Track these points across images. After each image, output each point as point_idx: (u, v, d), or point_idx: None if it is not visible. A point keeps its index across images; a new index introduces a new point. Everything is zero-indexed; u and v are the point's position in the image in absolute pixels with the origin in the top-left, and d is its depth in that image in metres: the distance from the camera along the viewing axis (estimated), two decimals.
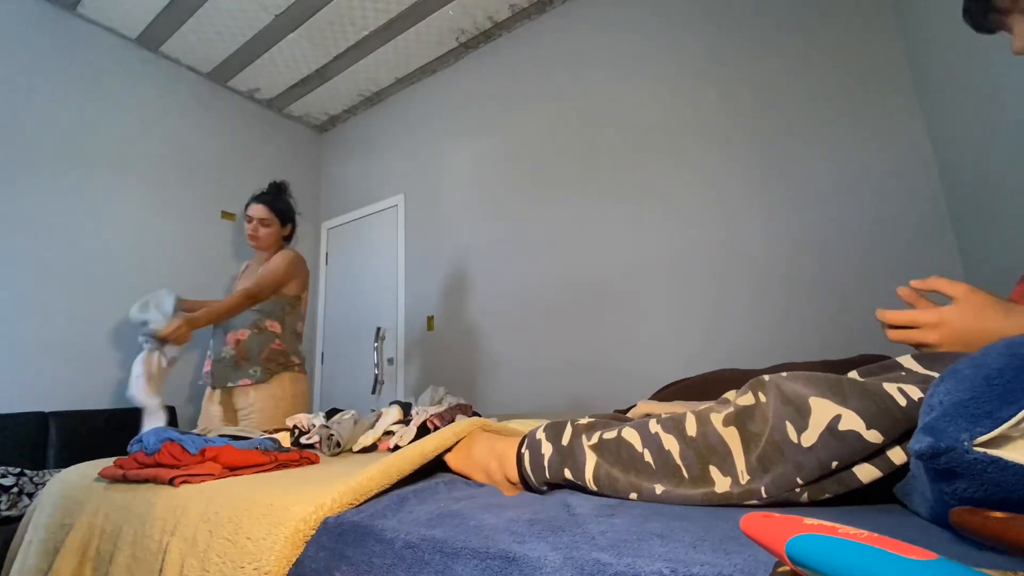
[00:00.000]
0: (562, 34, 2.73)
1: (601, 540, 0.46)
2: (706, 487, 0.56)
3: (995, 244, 1.42)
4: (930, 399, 0.41)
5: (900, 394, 0.48)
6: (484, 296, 2.78)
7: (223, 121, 3.24)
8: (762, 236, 2.00)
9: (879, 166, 1.79)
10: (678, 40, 2.33)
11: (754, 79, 2.10)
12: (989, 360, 0.39)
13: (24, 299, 2.28)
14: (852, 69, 1.88)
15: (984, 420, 0.35)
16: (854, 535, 0.26)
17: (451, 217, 3.03)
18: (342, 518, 0.60)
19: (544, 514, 0.55)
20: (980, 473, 0.35)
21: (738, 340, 1.99)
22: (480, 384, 2.70)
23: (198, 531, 0.67)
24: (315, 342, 3.54)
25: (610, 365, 2.29)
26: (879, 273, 1.75)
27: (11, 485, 1.69)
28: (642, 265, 2.27)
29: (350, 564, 0.54)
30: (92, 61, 2.66)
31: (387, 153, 3.46)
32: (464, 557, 0.47)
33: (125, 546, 0.74)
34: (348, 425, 1.33)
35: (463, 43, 3.03)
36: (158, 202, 2.83)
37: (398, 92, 3.47)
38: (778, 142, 2.01)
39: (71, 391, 2.35)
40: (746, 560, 0.37)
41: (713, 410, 0.60)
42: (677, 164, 2.25)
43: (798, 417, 0.52)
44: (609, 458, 0.63)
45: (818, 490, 0.51)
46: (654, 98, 2.36)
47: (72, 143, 2.53)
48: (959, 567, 0.23)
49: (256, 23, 2.77)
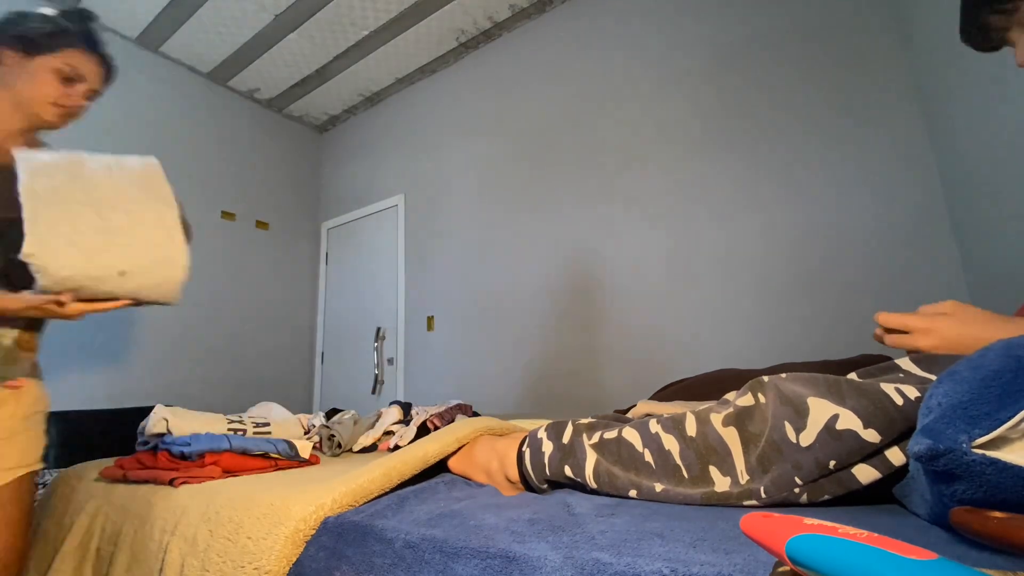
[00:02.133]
0: (562, 34, 2.74)
1: (601, 540, 0.46)
2: (706, 487, 0.56)
3: (995, 245, 1.42)
4: (929, 401, 0.41)
5: (897, 394, 0.48)
6: (484, 296, 2.78)
7: (223, 121, 3.24)
8: (762, 236, 2.00)
9: (879, 166, 1.79)
10: (678, 40, 2.33)
11: (754, 79, 2.10)
12: (987, 362, 0.40)
13: None
14: (852, 69, 1.88)
15: (983, 422, 0.35)
16: (854, 535, 0.26)
17: (451, 217, 3.03)
18: (342, 518, 0.60)
19: (544, 514, 0.55)
20: (979, 475, 0.35)
21: (738, 340, 1.99)
22: (480, 384, 2.70)
23: (198, 531, 0.67)
24: (315, 342, 3.54)
25: (610, 365, 2.29)
26: (879, 273, 1.76)
27: None
28: (642, 265, 2.27)
29: (350, 564, 0.54)
30: None
31: (387, 153, 3.46)
32: (464, 557, 0.47)
33: (125, 546, 0.74)
34: (348, 425, 1.33)
35: (463, 43, 3.03)
36: None
37: (398, 92, 3.47)
38: (778, 142, 2.01)
39: (71, 391, 2.35)
40: (746, 560, 0.38)
41: (713, 411, 0.60)
42: (677, 164, 2.25)
43: (797, 417, 0.52)
44: (609, 457, 0.64)
45: (817, 491, 0.51)
46: (654, 98, 2.36)
47: (72, 143, 2.52)
48: (959, 567, 0.23)
49: (256, 23, 2.77)
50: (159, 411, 0.91)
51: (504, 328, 2.67)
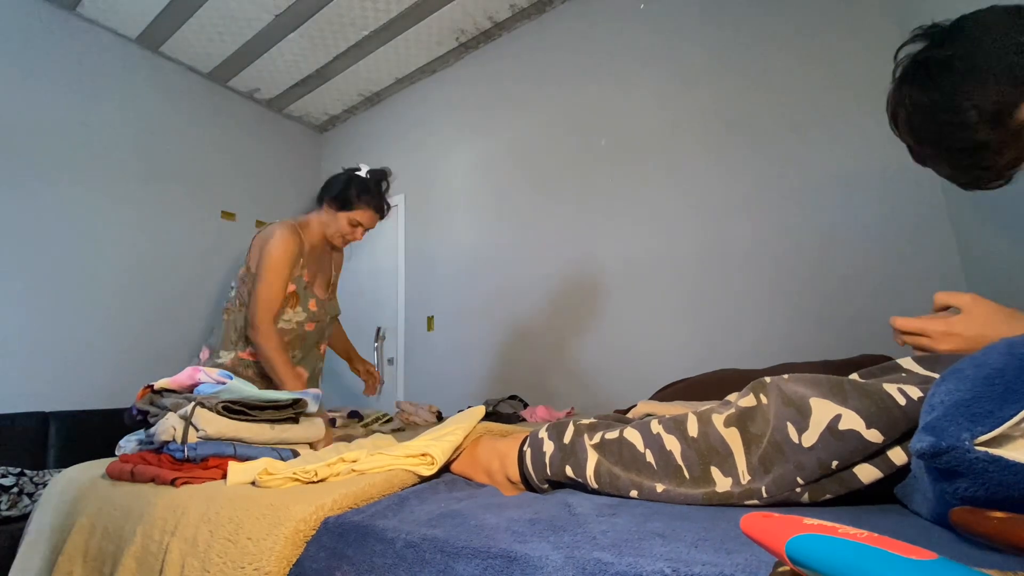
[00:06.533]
0: (562, 34, 2.73)
1: (602, 539, 0.46)
2: (707, 487, 0.56)
3: (995, 244, 1.42)
4: (931, 399, 0.41)
5: (900, 394, 0.48)
6: (484, 296, 2.78)
7: (223, 121, 3.24)
8: (762, 236, 2.00)
9: (879, 165, 1.79)
10: (678, 38, 2.33)
11: (754, 78, 2.10)
12: (990, 360, 0.40)
13: (24, 299, 2.28)
14: (852, 68, 1.88)
15: (985, 419, 0.35)
16: (854, 535, 0.26)
17: (451, 217, 3.03)
18: (343, 518, 0.60)
19: (545, 514, 0.55)
20: (981, 472, 0.35)
21: (738, 340, 1.99)
22: (480, 384, 2.70)
23: (199, 531, 0.67)
24: None
25: (610, 365, 2.29)
26: (879, 273, 1.75)
27: (11, 485, 1.69)
28: (642, 265, 2.27)
29: (351, 564, 0.54)
30: (92, 61, 2.66)
31: (387, 153, 3.46)
32: (465, 556, 0.47)
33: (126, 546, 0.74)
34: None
35: (463, 43, 3.03)
36: (158, 202, 2.83)
37: (398, 92, 3.47)
38: (779, 142, 2.01)
39: (71, 391, 2.35)
40: (747, 560, 0.37)
41: (715, 411, 0.60)
42: (677, 163, 2.25)
43: (799, 418, 0.52)
44: (611, 457, 0.64)
45: (819, 490, 0.51)
46: (654, 97, 2.36)
47: (72, 143, 2.52)
48: (959, 567, 0.23)
49: (256, 23, 2.77)
50: (170, 419, 0.91)
51: (504, 328, 2.67)
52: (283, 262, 1.45)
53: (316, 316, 1.57)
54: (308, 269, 1.55)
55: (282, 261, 1.44)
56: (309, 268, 1.55)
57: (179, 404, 0.94)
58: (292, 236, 1.48)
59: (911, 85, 0.69)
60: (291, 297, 1.50)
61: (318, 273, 1.62)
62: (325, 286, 1.66)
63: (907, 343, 0.66)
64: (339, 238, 1.59)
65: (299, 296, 1.52)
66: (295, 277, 1.50)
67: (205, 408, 0.91)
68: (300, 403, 1.04)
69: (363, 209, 1.57)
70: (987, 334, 0.57)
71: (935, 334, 0.62)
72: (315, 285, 1.59)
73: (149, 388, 1.03)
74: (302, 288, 1.53)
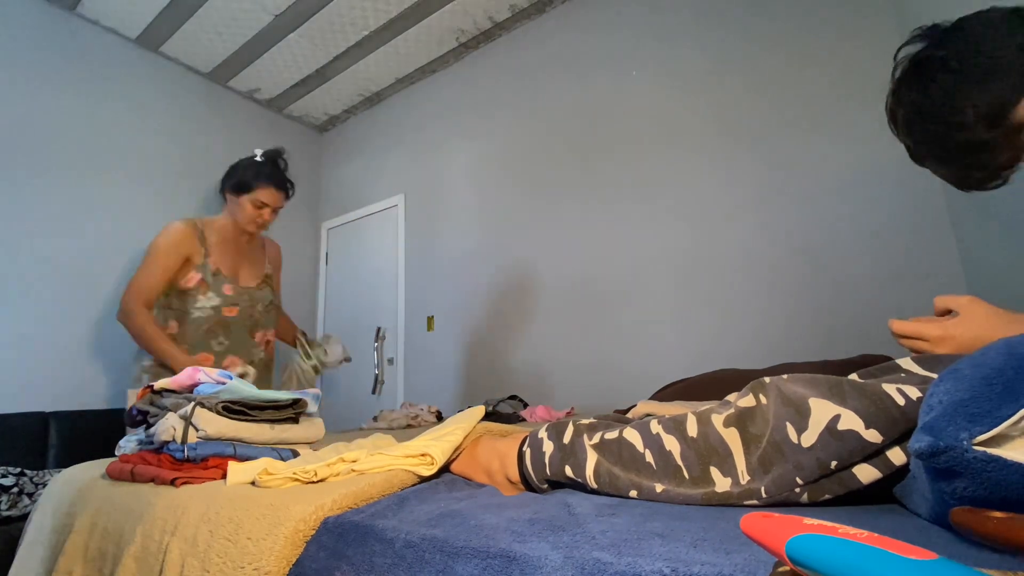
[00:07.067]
0: (562, 34, 2.74)
1: (602, 539, 0.46)
2: (707, 487, 0.56)
3: (995, 244, 1.42)
4: (929, 399, 0.41)
5: (899, 394, 0.48)
6: (484, 296, 2.78)
7: (223, 121, 3.24)
8: (762, 236, 2.00)
9: (880, 166, 1.79)
10: (678, 39, 2.33)
11: (753, 79, 2.10)
12: (988, 360, 0.40)
13: (25, 299, 2.28)
14: (851, 69, 1.88)
15: (983, 419, 0.35)
16: (854, 535, 0.26)
17: (451, 217, 3.03)
18: (342, 518, 0.60)
19: (545, 513, 0.55)
20: (980, 472, 0.35)
21: (738, 340, 1.99)
22: (480, 384, 2.70)
23: (198, 531, 0.67)
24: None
25: (610, 365, 2.29)
26: (880, 273, 1.76)
27: (11, 485, 1.69)
28: (643, 265, 2.27)
29: (351, 564, 0.54)
30: (92, 61, 2.66)
31: (387, 153, 3.46)
32: (465, 556, 0.47)
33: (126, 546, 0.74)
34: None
35: (463, 43, 3.03)
36: (158, 202, 2.83)
37: (398, 92, 3.47)
38: (779, 143, 2.01)
39: (71, 391, 2.35)
40: (747, 560, 0.37)
41: (714, 411, 0.60)
42: (677, 164, 2.25)
43: (798, 418, 0.52)
44: (610, 457, 0.64)
45: (818, 490, 0.51)
46: (654, 97, 2.36)
47: (72, 143, 2.53)
48: (959, 567, 0.23)
49: (256, 23, 2.77)
50: (170, 419, 0.91)
51: (504, 328, 2.67)
52: (162, 250, 1.53)
53: (234, 300, 1.63)
54: (220, 259, 1.63)
55: (160, 249, 1.53)
56: (222, 258, 1.64)
57: (179, 404, 0.94)
58: (181, 228, 1.57)
59: (910, 85, 0.69)
60: (200, 285, 1.59)
61: (241, 263, 1.70)
62: (254, 276, 1.73)
63: (906, 345, 0.66)
64: (250, 223, 1.66)
65: (207, 283, 1.60)
66: (198, 266, 1.58)
67: (205, 408, 0.91)
68: (300, 403, 1.04)
69: (262, 187, 1.63)
70: (984, 336, 0.57)
71: (932, 338, 0.62)
72: (234, 274, 1.67)
73: (149, 388, 1.03)
74: (209, 275, 1.60)
